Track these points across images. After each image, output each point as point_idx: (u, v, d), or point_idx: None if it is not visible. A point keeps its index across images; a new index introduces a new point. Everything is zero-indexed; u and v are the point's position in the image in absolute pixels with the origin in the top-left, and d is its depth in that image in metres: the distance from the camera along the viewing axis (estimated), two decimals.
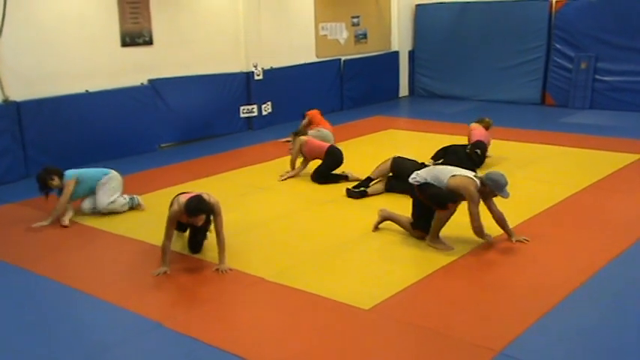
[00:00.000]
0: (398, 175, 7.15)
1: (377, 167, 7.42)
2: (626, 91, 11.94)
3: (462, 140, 8.66)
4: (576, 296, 4.73)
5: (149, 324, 4.52)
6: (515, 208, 6.16)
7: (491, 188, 5.52)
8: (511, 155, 8.75)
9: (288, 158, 8.30)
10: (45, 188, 6.67)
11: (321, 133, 9.18)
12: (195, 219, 5.25)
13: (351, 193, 7.25)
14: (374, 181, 7.37)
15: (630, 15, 11.71)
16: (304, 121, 9.75)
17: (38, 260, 5.77)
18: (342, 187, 7.51)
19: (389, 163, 7.34)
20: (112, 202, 6.80)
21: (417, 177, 5.75)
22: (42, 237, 6.38)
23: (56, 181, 6.66)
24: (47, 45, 8.71)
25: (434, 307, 4.65)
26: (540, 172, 8.04)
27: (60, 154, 8.47)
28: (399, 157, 7.40)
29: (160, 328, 4.46)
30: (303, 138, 8.16)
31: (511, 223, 5.76)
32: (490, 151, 8.42)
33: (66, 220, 6.61)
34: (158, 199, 7.05)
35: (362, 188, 7.27)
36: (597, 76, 12.21)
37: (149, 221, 6.54)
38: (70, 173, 6.76)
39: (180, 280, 5.24)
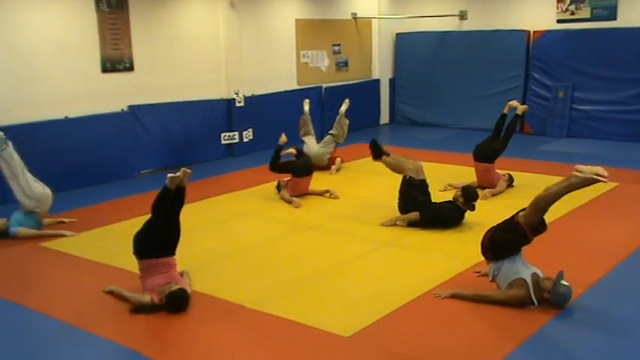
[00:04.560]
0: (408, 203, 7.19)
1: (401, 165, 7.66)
2: (603, 119, 12.14)
3: (444, 167, 8.70)
4: (553, 325, 4.73)
5: (126, 352, 4.45)
6: None
7: (552, 300, 4.97)
8: None
9: (269, 185, 8.30)
10: None
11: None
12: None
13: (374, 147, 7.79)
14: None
15: (606, 45, 11.96)
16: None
17: (9, 287, 5.65)
18: (321, 215, 7.51)
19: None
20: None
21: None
22: (13, 264, 6.28)
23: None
24: (26, 70, 8.67)
25: (415, 334, 4.63)
26: (518, 200, 8.05)
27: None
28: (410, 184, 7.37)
29: (138, 356, 4.38)
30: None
31: None
32: (468, 180, 8.58)
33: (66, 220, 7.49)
34: (137, 227, 6.94)
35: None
36: (574, 105, 12.42)
37: (125, 249, 6.44)
38: (15, 227, 6.96)
39: None
